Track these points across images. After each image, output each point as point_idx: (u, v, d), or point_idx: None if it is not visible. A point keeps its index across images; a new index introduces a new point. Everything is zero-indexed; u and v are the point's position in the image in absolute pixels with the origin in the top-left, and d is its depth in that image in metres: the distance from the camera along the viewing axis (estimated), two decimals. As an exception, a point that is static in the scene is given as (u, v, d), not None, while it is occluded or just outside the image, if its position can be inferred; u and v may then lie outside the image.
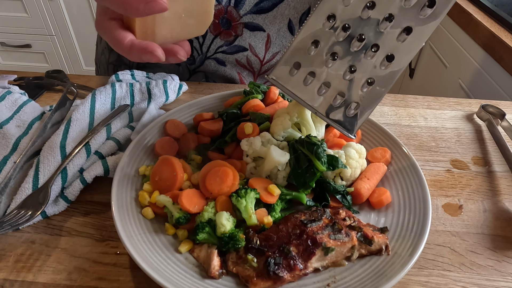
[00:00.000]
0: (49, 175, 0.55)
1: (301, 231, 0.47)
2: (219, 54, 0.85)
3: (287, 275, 0.44)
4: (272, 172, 0.56)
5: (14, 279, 0.47)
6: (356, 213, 0.55)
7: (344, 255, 0.48)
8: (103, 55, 0.97)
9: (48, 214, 0.55)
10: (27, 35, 2.48)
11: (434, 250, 0.52)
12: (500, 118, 0.76)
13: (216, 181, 0.52)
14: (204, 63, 0.87)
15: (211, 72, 0.89)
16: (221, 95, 0.75)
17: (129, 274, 0.48)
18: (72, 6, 2.33)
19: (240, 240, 0.47)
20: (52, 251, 0.51)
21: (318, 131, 0.64)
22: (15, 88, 0.77)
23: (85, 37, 2.48)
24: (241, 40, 0.83)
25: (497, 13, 1.41)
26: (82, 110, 0.67)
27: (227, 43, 0.84)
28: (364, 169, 0.59)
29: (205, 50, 0.84)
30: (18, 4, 2.32)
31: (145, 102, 0.74)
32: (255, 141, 0.56)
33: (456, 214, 0.58)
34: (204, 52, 0.85)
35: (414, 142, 0.72)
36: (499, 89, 1.33)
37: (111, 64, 0.95)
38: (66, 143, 0.60)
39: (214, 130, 0.66)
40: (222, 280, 0.45)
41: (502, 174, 0.65)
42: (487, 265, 0.50)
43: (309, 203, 0.54)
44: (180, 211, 0.50)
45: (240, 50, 0.85)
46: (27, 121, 0.68)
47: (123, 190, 0.55)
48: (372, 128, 0.68)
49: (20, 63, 2.63)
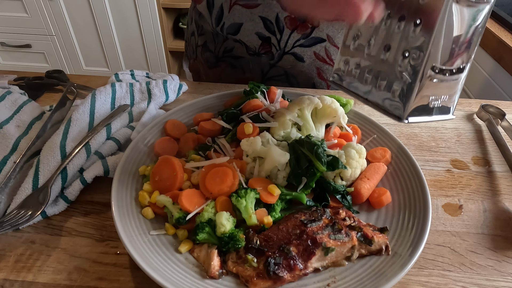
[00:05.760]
0: (49, 175, 0.55)
1: (301, 231, 0.47)
2: (296, 48, 0.85)
3: (287, 275, 0.44)
4: (272, 172, 0.56)
5: (14, 279, 0.47)
6: (356, 213, 0.55)
7: (344, 255, 0.48)
8: (193, 36, 1.00)
9: (48, 214, 0.55)
10: (27, 35, 2.48)
11: (434, 250, 0.52)
12: (500, 118, 0.76)
13: (216, 181, 0.52)
14: (283, 58, 0.87)
15: (289, 67, 0.89)
16: (221, 95, 0.75)
17: (129, 274, 0.48)
18: (72, 6, 2.33)
19: (240, 240, 0.47)
20: (52, 251, 0.51)
21: (318, 131, 0.64)
22: (15, 88, 0.77)
23: (85, 37, 2.48)
24: (318, 32, 0.83)
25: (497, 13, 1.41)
26: (82, 110, 0.67)
27: (304, 35, 0.83)
28: (364, 169, 0.59)
29: (283, 45, 0.84)
30: (18, 4, 2.32)
31: (145, 102, 0.74)
32: (255, 141, 0.56)
33: (456, 214, 0.58)
34: (282, 48, 0.85)
35: (414, 142, 0.72)
36: (499, 89, 1.33)
37: (199, 47, 0.98)
38: (66, 143, 0.60)
39: (214, 130, 0.66)
40: (222, 280, 0.45)
41: (502, 174, 0.65)
42: (487, 265, 0.50)
43: (309, 203, 0.54)
44: (180, 211, 0.50)
45: (318, 41, 0.84)
46: (27, 121, 0.68)
47: (123, 190, 0.55)
48: (372, 128, 0.68)
49: (20, 63, 2.63)
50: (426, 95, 0.45)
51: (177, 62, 2.68)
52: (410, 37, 0.43)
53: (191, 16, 1.00)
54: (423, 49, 0.42)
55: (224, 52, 0.92)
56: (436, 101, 0.46)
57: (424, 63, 0.42)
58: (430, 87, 0.44)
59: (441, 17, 0.40)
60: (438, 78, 0.44)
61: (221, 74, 0.97)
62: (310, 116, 0.63)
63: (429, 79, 0.43)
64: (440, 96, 0.46)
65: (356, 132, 0.68)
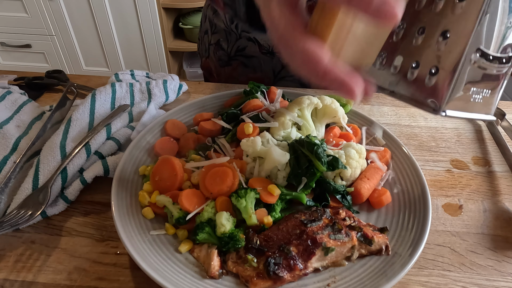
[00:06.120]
0: (49, 175, 0.55)
1: (301, 231, 0.47)
2: None
3: (287, 275, 0.44)
4: (272, 172, 0.56)
5: (14, 279, 0.47)
6: (356, 213, 0.55)
7: (344, 255, 0.48)
8: (206, 34, 1.00)
9: (48, 214, 0.55)
10: (27, 35, 2.47)
11: (434, 250, 0.52)
12: (500, 118, 0.76)
13: (216, 181, 0.52)
14: None
15: None
16: (221, 95, 0.75)
17: (129, 274, 0.48)
18: (72, 6, 2.33)
19: (240, 240, 0.47)
20: (52, 251, 0.51)
21: (318, 131, 0.64)
22: (15, 88, 0.77)
23: (85, 37, 2.48)
24: None
25: (497, 13, 1.41)
26: (82, 110, 0.67)
27: None
28: (364, 169, 0.59)
29: None
30: (18, 4, 2.32)
31: (145, 102, 0.74)
32: (255, 141, 0.56)
33: (456, 214, 0.58)
34: None
35: (414, 142, 0.72)
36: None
37: (211, 45, 0.98)
38: (66, 143, 0.60)
39: (214, 130, 0.66)
40: (222, 280, 0.45)
41: (502, 174, 0.65)
42: (487, 265, 0.50)
43: (309, 203, 0.54)
44: (180, 211, 0.50)
45: None
46: (27, 121, 0.68)
47: (123, 190, 0.55)
48: (372, 128, 0.68)
49: (20, 63, 2.63)
50: (467, 85, 0.39)
51: (177, 62, 2.67)
52: (452, 13, 0.37)
53: (204, 14, 1.00)
54: (467, 27, 0.35)
55: (236, 51, 0.93)
56: (478, 95, 0.40)
57: (468, 43, 0.36)
58: (472, 75, 0.38)
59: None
60: (482, 65, 0.38)
61: (233, 73, 0.97)
62: (310, 116, 0.63)
63: (472, 64, 0.37)
64: (482, 89, 0.40)
65: (356, 132, 0.68)
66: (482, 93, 0.41)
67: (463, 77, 0.38)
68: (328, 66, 0.32)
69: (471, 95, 0.40)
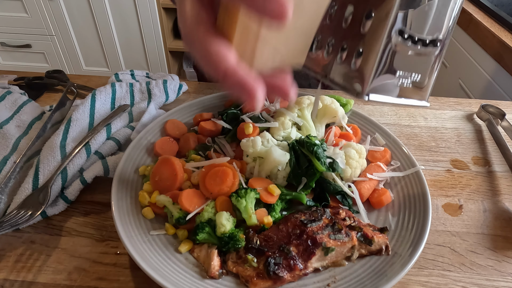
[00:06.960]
0: (49, 175, 0.55)
1: (301, 231, 0.47)
2: None
3: (287, 275, 0.44)
4: (272, 172, 0.56)
5: (14, 279, 0.47)
6: (356, 213, 0.55)
7: (344, 255, 0.48)
8: None
9: (48, 214, 0.55)
10: (27, 35, 2.47)
11: (434, 250, 0.52)
12: (500, 118, 0.76)
13: (216, 181, 0.52)
14: None
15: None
16: (221, 95, 0.75)
17: (129, 274, 0.48)
18: (72, 6, 2.33)
19: (240, 240, 0.47)
20: (52, 251, 0.51)
21: (318, 131, 0.64)
22: (15, 88, 0.77)
23: (85, 37, 2.47)
24: None
25: (497, 13, 1.41)
26: (82, 110, 0.67)
27: None
28: (364, 169, 0.59)
29: None
30: (18, 4, 2.32)
31: (145, 102, 0.74)
32: (255, 141, 0.56)
33: (456, 214, 0.58)
34: None
35: (414, 142, 0.72)
36: (499, 89, 1.33)
37: None
38: (66, 143, 0.60)
39: (214, 130, 0.66)
40: (222, 280, 0.45)
41: (502, 174, 0.65)
42: (487, 265, 0.50)
43: (309, 203, 0.54)
44: (180, 211, 0.50)
45: None
46: (27, 121, 0.68)
47: (123, 190, 0.55)
48: (372, 128, 0.68)
49: (20, 63, 2.63)
50: (392, 68, 0.38)
51: (177, 62, 2.67)
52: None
53: None
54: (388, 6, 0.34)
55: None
56: (406, 79, 0.39)
57: (389, 23, 0.35)
58: (397, 58, 0.37)
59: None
60: (406, 47, 0.37)
61: None
62: (310, 116, 0.63)
63: (395, 45, 0.36)
64: (410, 73, 0.39)
65: (356, 132, 0.68)
66: (410, 77, 0.40)
67: (387, 59, 0.37)
68: (230, 68, 0.29)
69: (399, 78, 0.39)
